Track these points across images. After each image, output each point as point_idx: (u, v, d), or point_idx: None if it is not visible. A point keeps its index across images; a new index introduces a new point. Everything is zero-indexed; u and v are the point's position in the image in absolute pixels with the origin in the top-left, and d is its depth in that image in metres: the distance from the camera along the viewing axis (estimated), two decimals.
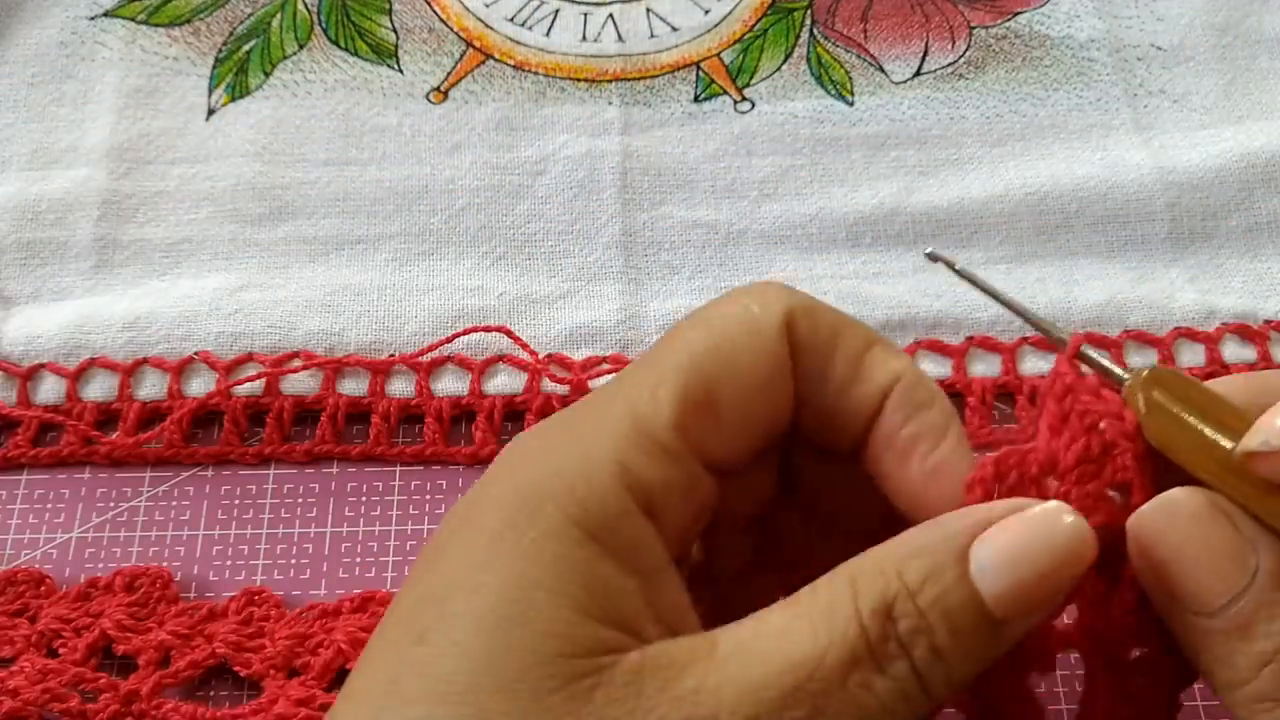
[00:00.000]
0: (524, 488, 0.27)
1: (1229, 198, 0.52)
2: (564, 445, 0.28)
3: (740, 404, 0.29)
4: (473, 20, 0.58)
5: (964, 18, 0.58)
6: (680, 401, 0.28)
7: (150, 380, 0.48)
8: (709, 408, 0.28)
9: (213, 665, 0.42)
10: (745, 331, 0.29)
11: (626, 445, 0.27)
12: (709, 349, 0.29)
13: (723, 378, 0.28)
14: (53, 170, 0.53)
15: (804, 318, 0.29)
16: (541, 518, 0.26)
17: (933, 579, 0.25)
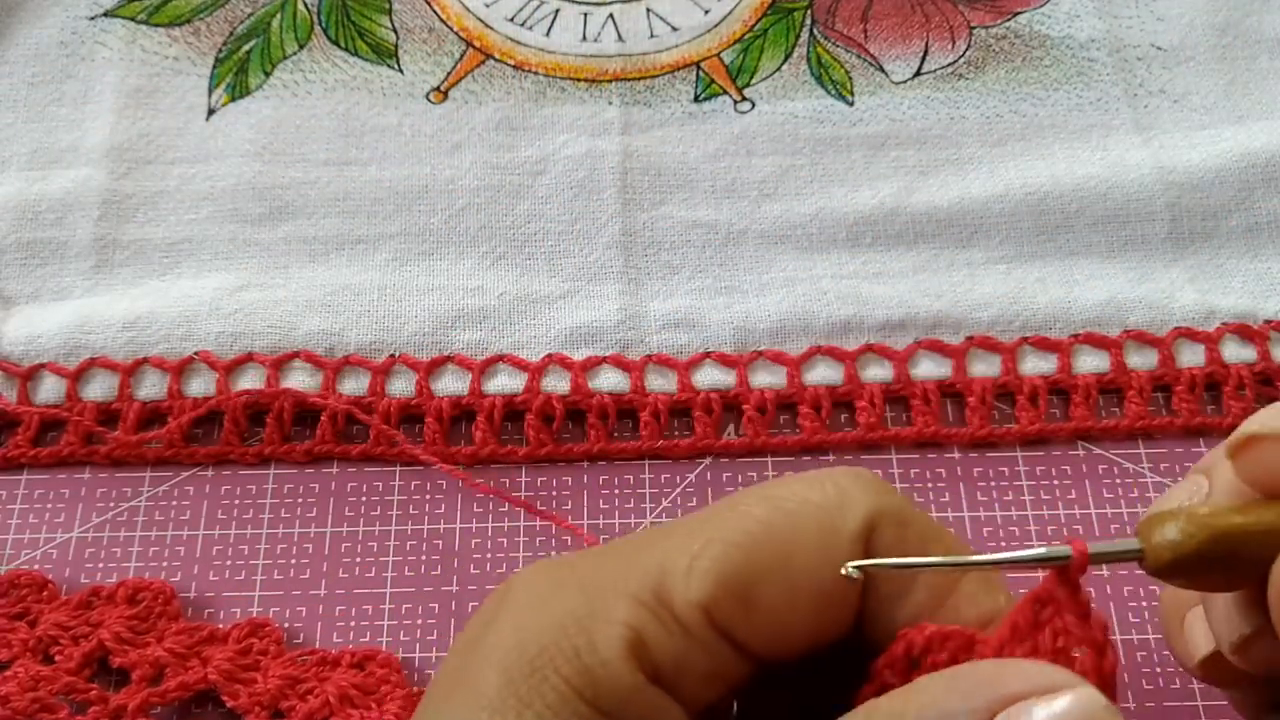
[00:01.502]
0: (527, 645, 0.25)
1: (1229, 198, 0.52)
2: (578, 597, 0.25)
3: (788, 604, 0.26)
4: (473, 20, 0.58)
5: (964, 18, 0.58)
6: (716, 584, 0.25)
7: (150, 380, 0.48)
8: (746, 600, 0.25)
9: (202, 690, 0.41)
10: (816, 528, 0.26)
11: (644, 613, 0.25)
12: (768, 536, 0.26)
13: (773, 573, 0.25)
14: (53, 170, 0.53)
15: (891, 528, 0.26)
16: (546, 689, 0.24)
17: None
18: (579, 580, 0.26)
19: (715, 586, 0.25)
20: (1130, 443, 0.47)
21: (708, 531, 0.26)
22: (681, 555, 0.25)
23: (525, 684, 0.24)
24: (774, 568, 0.25)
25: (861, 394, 0.48)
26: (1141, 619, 0.42)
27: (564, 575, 0.26)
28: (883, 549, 0.26)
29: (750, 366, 0.48)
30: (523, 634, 0.25)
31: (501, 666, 0.24)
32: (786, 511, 0.26)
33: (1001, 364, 0.48)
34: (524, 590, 0.26)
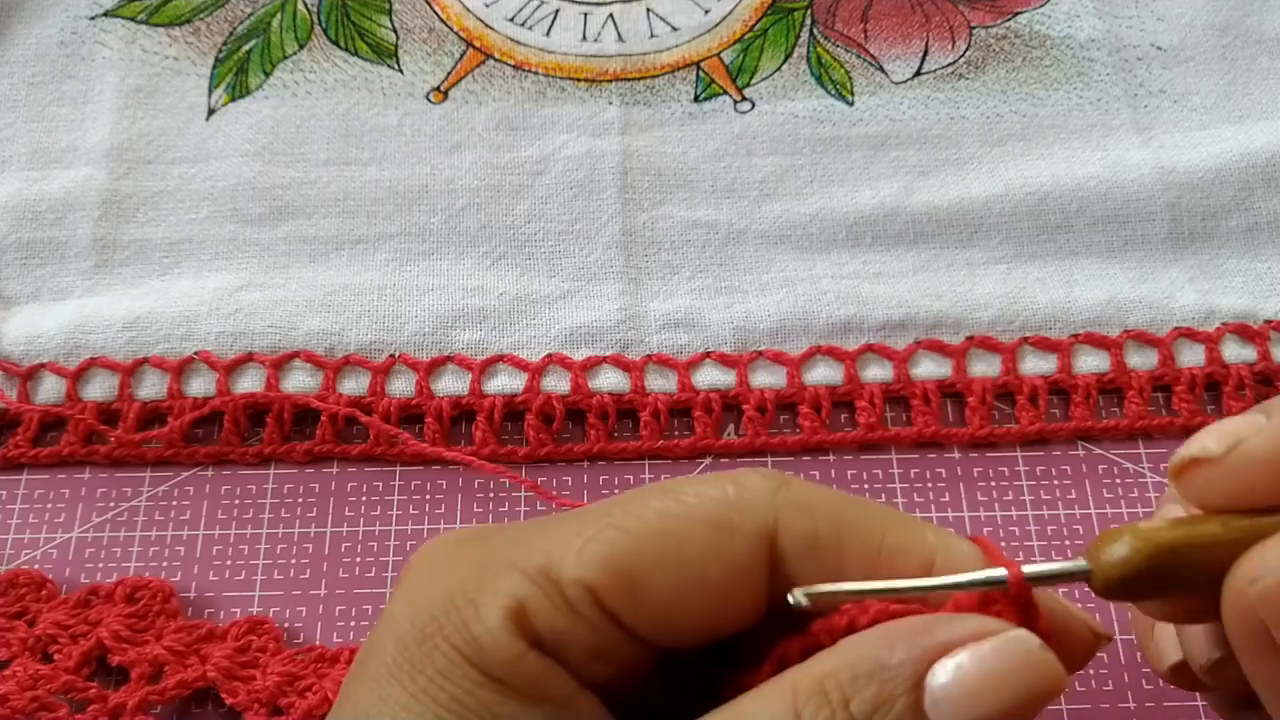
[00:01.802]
0: (419, 616, 0.26)
1: (1229, 198, 0.52)
2: (470, 570, 0.26)
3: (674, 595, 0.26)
4: (473, 20, 0.58)
5: (964, 18, 0.58)
6: (603, 567, 0.25)
7: (150, 380, 0.48)
8: (633, 587, 0.26)
9: (201, 688, 0.41)
10: (711, 524, 0.26)
11: (530, 586, 0.25)
12: (661, 528, 0.26)
13: (661, 565, 0.26)
14: (53, 170, 0.53)
15: (797, 517, 0.26)
16: (437, 655, 0.25)
17: (882, 710, 0.23)
18: (473, 555, 0.27)
19: (602, 569, 0.25)
20: (1130, 443, 0.47)
21: (604, 518, 0.26)
22: (575, 538, 0.26)
23: (418, 651, 0.25)
24: (663, 559, 0.26)
25: (861, 394, 0.48)
26: None
27: (460, 550, 0.27)
28: (796, 542, 0.26)
29: (750, 366, 0.48)
30: (415, 606, 0.26)
31: (396, 636, 0.26)
32: (684, 505, 0.26)
33: (1001, 364, 0.48)
34: (421, 564, 0.27)
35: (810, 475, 0.46)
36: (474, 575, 0.26)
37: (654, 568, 0.26)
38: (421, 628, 0.25)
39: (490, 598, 0.25)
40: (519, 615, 0.25)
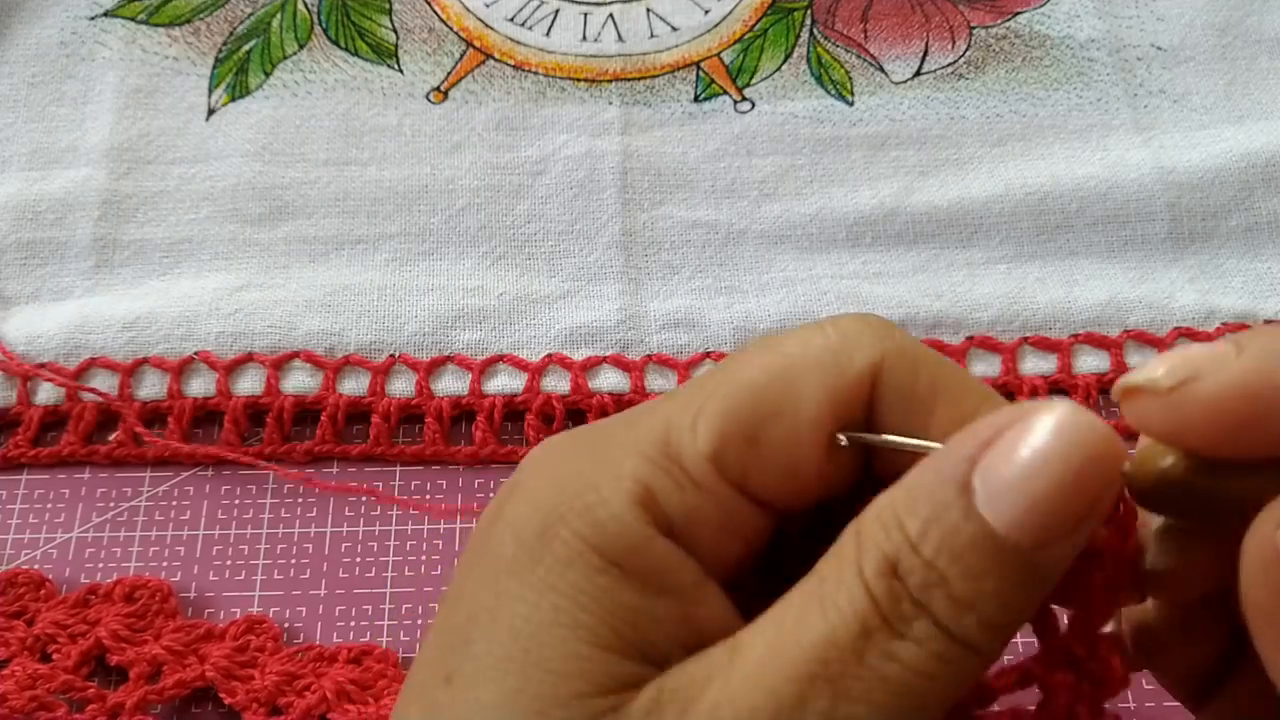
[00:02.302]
0: (540, 508, 0.25)
1: (1229, 198, 0.52)
2: (588, 460, 0.25)
3: (793, 447, 0.25)
4: (473, 20, 0.58)
5: (964, 18, 0.58)
6: (720, 434, 0.25)
7: (150, 380, 0.48)
8: (753, 445, 0.25)
9: (200, 688, 0.41)
10: (821, 369, 0.25)
11: (652, 468, 0.25)
12: (770, 381, 0.25)
13: (778, 416, 0.25)
14: (53, 170, 0.53)
15: (899, 367, 0.25)
16: (558, 544, 0.24)
17: (936, 522, 0.22)
18: (588, 446, 0.26)
19: (720, 435, 0.25)
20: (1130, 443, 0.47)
21: (711, 388, 0.25)
22: (686, 411, 0.25)
23: (537, 543, 0.24)
24: (779, 410, 0.25)
25: None
26: None
27: (573, 445, 0.26)
28: (891, 391, 0.25)
29: None
30: (534, 500, 0.25)
31: (514, 532, 0.25)
32: (788, 355, 0.26)
33: (1001, 364, 0.48)
34: (535, 464, 0.26)
35: None
36: (592, 464, 0.25)
37: (771, 420, 0.25)
38: (542, 519, 0.24)
39: (613, 481, 0.24)
40: (645, 498, 0.24)
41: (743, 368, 0.26)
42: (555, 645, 0.23)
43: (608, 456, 0.25)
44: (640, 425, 0.26)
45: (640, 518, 0.24)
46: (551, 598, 0.23)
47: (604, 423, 0.27)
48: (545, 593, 0.24)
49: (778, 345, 0.26)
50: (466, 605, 0.25)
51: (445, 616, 0.25)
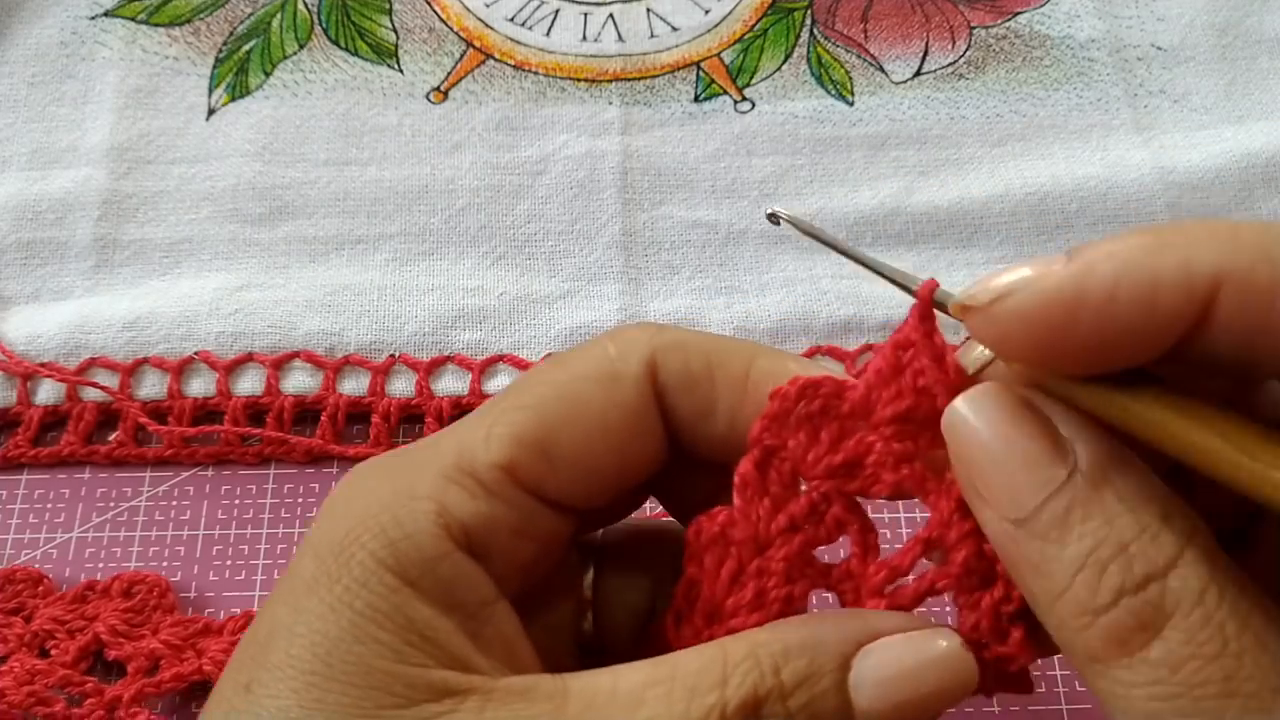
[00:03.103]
0: (338, 530, 0.26)
1: (1229, 198, 0.52)
2: (389, 484, 0.27)
3: (585, 450, 0.28)
4: (473, 20, 0.58)
5: (964, 18, 0.58)
6: (513, 443, 0.27)
7: (150, 380, 0.48)
8: (544, 452, 0.27)
9: (197, 681, 0.41)
10: (599, 377, 0.28)
11: (446, 483, 0.27)
12: (556, 394, 0.28)
13: (567, 424, 0.28)
14: (53, 170, 0.53)
15: (672, 357, 0.29)
16: (354, 564, 0.25)
17: (808, 683, 0.25)
18: (390, 470, 0.28)
19: (513, 446, 0.27)
20: None
21: (502, 406, 0.28)
22: (480, 428, 0.28)
23: (335, 562, 0.26)
24: (566, 421, 0.28)
25: None
26: None
27: (378, 470, 0.28)
28: (672, 378, 0.28)
29: None
30: (334, 522, 0.27)
31: (315, 552, 0.26)
32: (572, 369, 0.29)
33: None
34: (342, 490, 0.28)
35: None
36: (392, 487, 0.27)
37: (559, 431, 0.27)
38: (339, 540, 0.26)
39: (409, 502, 0.26)
40: (440, 512, 0.26)
41: (532, 385, 0.29)
42: (353, 661, 0.24)
43: (407, 478, 0.27)
44: (440, 445, 0.28)
45: (434, 535, 0.26)
46: (348, 615, 0.25)
47: (410, 447, 0.29)
48: (342, 610, 0.25)
49: (563, 361, 0.29)
50: (268, 621, 0.26)
51: (250, 632, 0.27)
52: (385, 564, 0.25)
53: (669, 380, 0.29)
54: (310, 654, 0.25)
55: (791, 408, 0.27)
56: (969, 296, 0.24)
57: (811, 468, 0.28)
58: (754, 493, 0.28)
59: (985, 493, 0.24)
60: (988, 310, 0.24)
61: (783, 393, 0.27)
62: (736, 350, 0.29)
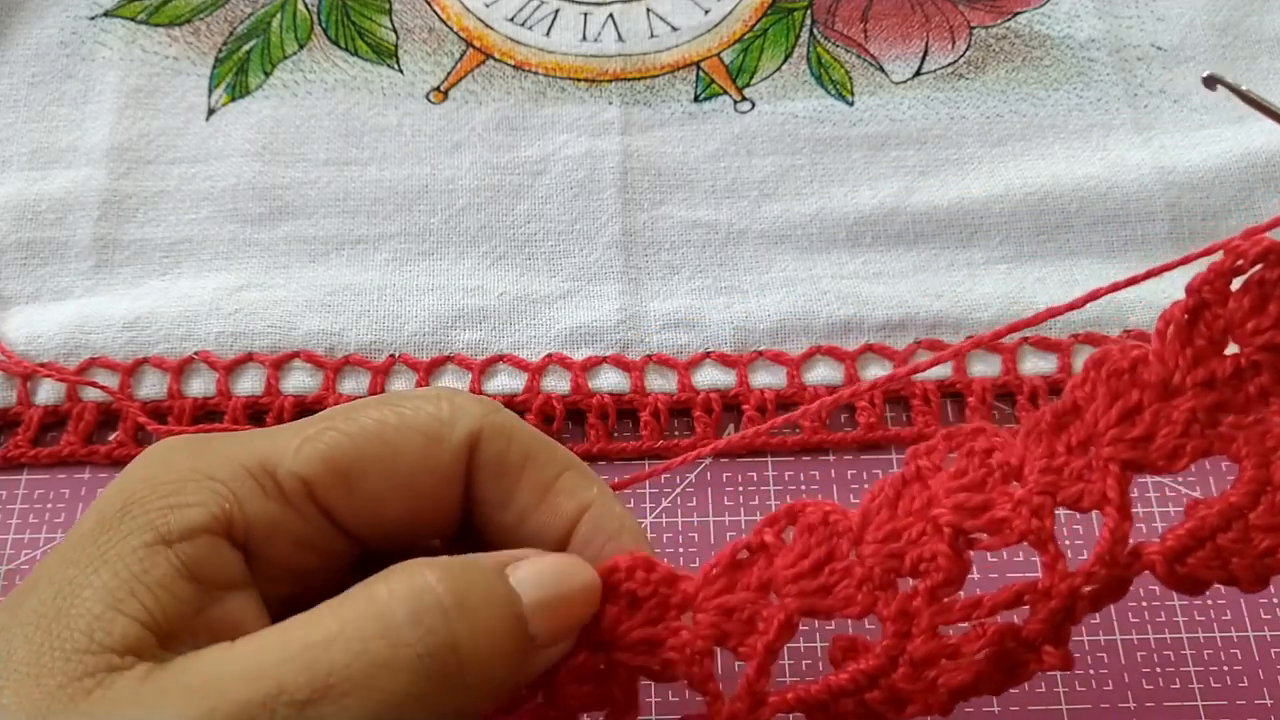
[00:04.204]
0: (125, 494, 0.28)
1: (1229, 198, 0.52)
2: (188, 462, 0.28)
3: (386, 494, 0.29)
4: (473, 20, 0.58)
5: (964, 18, 0.58)
6: (321, 463, 0.28)
7: (150, 380, 0.48)
8: (347, 481, 0.29)
9: None
10: (422, 434, 0.30)
11: (244, 476, 0.28)
12: (379, 433, 0.29)
13: (377, 465, 0.29)
14: (53, 170, 0.53)
15: (496, 439, 0.30)
16: (126, 522, 0.27)
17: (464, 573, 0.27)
18: (193, 450, 0.29)
19: (321, 465, 0.28)
20: None
21: (325, 422, 0.29)
22: (295, 437, 0.29)
23: (112, 520, 0.27)
24: (378, 460, 0.29)
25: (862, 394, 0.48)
26: (1141, 619, 0.42)
27: (180, 446, 0.29)
28: (488, 459, 0.30)
29: (750, 366, 0.48)
30: (125, 487, 0.28)
31: (98, 512, 0.28)
32: (401, 415, 0.30)
33: (1001, 364, 0.48)
34: (142, 459, 0.29)
35: (810, 475, 0.46)
36: (190, 465, 0.28)
37: (369, 467, 0.29)
38: (123, 502, 0.27)
39: (200, 481, 0.28)
40: (226, 500, 0.27)
41: (361, 415, 0.30)
42: (80, 603, 0.25)
43: (210, 460, 0.28)
44: (253, 440, 0.29)
45: (211, 515, 0.27)
46: (96, 563, 0.26)
47: (221, 434, 0.31)
48: (94, 559, 0.26)
49: (398, 403, 0.30)
50: (38, 572, 0.28)
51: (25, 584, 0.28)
52: (154, 526, 0.27)
53: (484, 461, 0.30)
54: (52, 598, 0.26)
55: (1245, 268, 0.27)
56: None
57: (1250, 336, 0.27)
58: (1178, 339, 0.27)
59: None
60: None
61: (1237, 249, 0.27)
62: (553, 457, 0.31)
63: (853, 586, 0.29)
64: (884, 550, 0.28)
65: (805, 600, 0.29)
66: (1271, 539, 0.26)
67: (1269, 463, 0.26)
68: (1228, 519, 0.26)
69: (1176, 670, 0.41)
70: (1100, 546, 0.27)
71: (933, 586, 0.28)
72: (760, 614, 0.29)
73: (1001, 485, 0.28)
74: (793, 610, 0.29)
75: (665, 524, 0.45)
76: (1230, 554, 0.26)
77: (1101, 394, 0.28)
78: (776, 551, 0.30)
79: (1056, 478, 0.28)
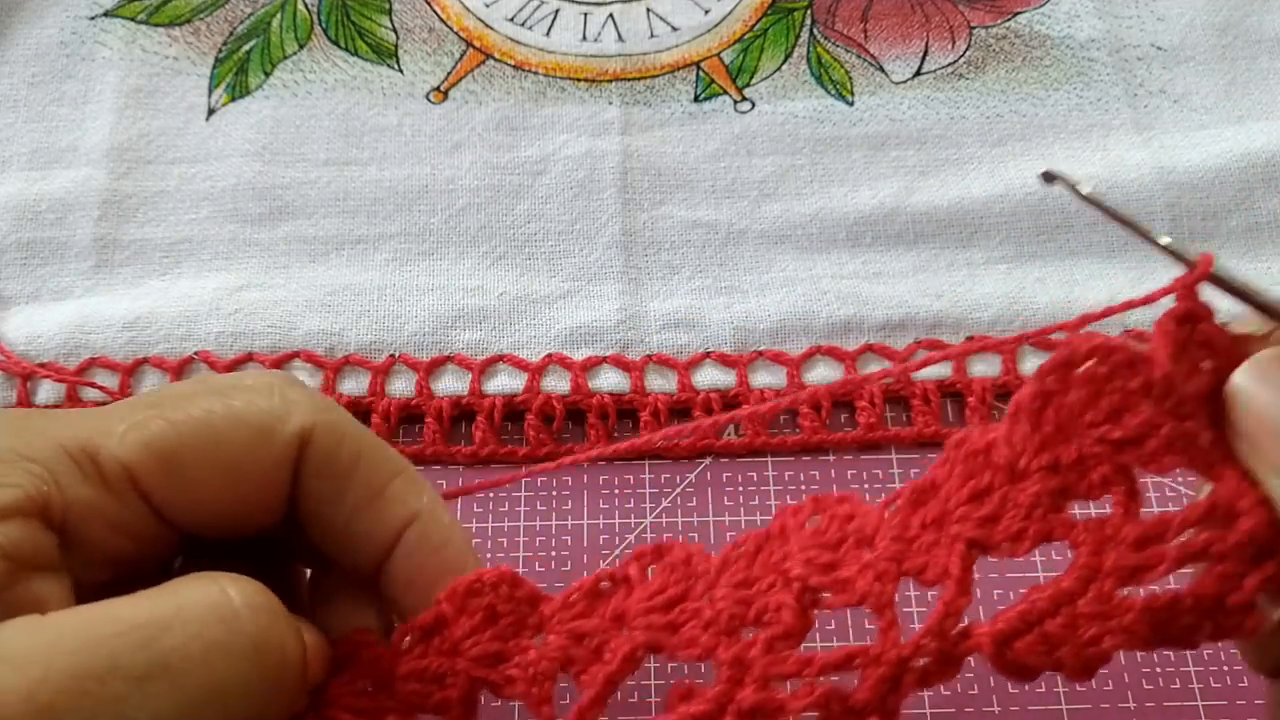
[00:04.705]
0: None
1: (1229, 198, 0.52)
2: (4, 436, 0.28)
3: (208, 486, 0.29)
4: (473, 20, 0.58)
5: (964, 18, 0.58)
6: (145, 450, 0.28)
7: (150, 380, 0.48)
8: (171, 472, 0.28)
9: None
10: (252, 428, 0.29)
11: (62, 457, 0.27)
12: (208, 424, 0.29)
13: (203, 455, 0.28)
14: (53, 170, 0.53)
15: (326, 437, 0.29)
16: None
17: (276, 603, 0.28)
18: (17, 425, 0.28)
19: (144, 451, 0.28)
20: None
21: (152, 409, 0.29)
22: (120, 422, 0.28)
23: None
24: (206, 451, 0.28)
25: (861, 394, 0.48)
26: None
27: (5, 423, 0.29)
28: (317, 455, 0.29)
29: (750, 366, 0.49)
30: None
31: None
32: (231, 408, 0.29)
33: (1001, 364, 0.48)
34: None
35: (810, 475, 0.46)
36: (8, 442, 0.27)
37: (193, 457, 0.28)
38: None
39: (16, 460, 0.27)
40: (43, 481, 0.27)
41: (189, 401, 0.29)
42: None
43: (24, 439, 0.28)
44: (76, 421, 0.29)
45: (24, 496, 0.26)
46: None
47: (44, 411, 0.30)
48: None
49: (228, 393, 0.29)
50: None
51: None
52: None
53: (314, 459, 0.29)
54: None
55: (1080, 361, 0.27)
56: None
57: (1086, 429, 0.27)
58: (1026, 424, 0.28)
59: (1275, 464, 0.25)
60: None
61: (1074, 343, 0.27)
62: (385, 461, 0.30)
63: (699, 627, 0.29)
64: (734, 596, 0.29)
65: (652, 634, 0.29)
66: (1098, 628, 0.26)
67: (1102, 551, 0.27)
68: (1057, 604, 0.27)
69: (1176, 670, 0.41)
70: (932, 619, 0.27)
71: (771, 637, 0.28)
72: (609, 644, 0.29)
73: (855, 549, 0.29)
74: (638, 644, 0.29)
75: (665, 524, 0.45)
76: (1058, 641, 0.26)
77: (957, 473, 0.29)
78: (637, 585, 0.30)
79: (906, 548, 0.28)
